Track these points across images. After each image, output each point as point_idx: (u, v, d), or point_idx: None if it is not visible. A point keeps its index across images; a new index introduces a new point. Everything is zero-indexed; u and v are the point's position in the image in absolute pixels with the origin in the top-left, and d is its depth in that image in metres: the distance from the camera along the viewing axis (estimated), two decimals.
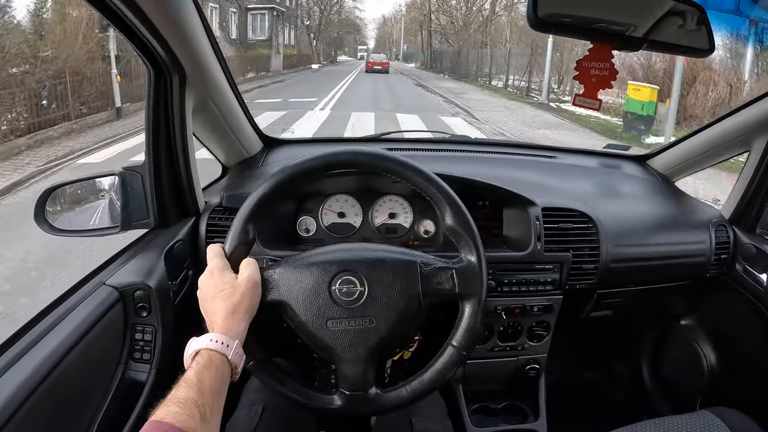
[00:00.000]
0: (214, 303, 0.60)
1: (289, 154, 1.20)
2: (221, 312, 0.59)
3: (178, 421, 0.46)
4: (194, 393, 0.49)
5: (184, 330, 0.83)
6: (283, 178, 0.67)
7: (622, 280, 1.03)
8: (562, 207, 0.98)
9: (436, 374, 0.65)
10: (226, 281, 0.60)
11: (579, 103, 0.81)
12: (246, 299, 0.60)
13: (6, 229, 3.36)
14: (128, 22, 0.70)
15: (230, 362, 0.55)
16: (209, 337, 0.56)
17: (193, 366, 0.53)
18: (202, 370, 0.53)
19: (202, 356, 0.54)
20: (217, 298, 0.59)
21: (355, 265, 0.65)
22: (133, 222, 0.88)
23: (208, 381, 0.52)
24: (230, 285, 0.60)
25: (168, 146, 0.86)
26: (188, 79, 0.83)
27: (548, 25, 0.73)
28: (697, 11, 0.76)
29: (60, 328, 0.68)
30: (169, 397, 0.49)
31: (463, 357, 0.66)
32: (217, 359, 0.54)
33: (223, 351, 0.55)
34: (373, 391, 0.64)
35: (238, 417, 0.79)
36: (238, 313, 0.59)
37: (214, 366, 0.53)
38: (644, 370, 1.39)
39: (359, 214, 1.04)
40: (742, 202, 1.10)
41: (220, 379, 0.54)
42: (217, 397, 0.52)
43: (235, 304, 0.59)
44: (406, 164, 0.68)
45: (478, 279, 0.67)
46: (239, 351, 0.57)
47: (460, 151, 1.26)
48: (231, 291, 0.60)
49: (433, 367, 0.66)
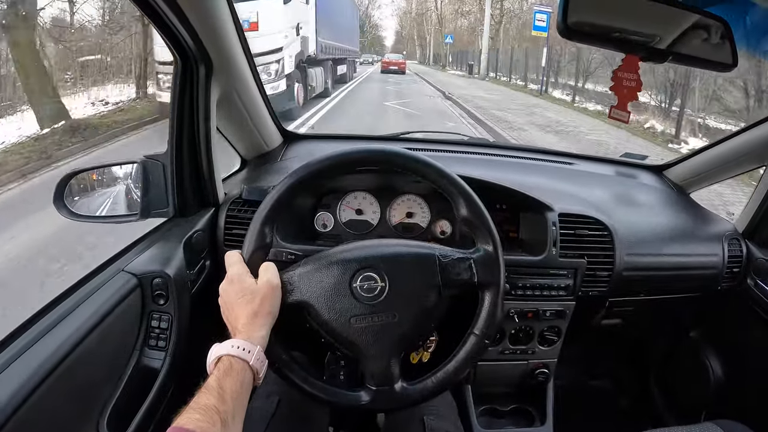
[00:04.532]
0: (234, 309, 0.60)
1: (308, 149, 1.21)
2: (242, 318, 0.59)
3: (199, 427, 0.47)
4: (215, 400, 0.50)
5: (199, 319, 0.83)
6: (294, 181, 0.67)
7: (634, 289, 1.04)
8: (579, 213, 0.98)
9: (460, 363, 0.66)
10: (246, 287, 0.61)
11: (614, 116, 0.80)
12: (266, 304, 0.60)
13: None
14: (159, 11, 0.71)
15: (252, 368, 0.56)
16: (231, 343, 0.57)
17: (214, 372, 0.54)
18: (223, 376, 0.53)
19: (223, 363, 0.55)
20: (237, 305, 0.60)
21: (374, 261, 0.65)
22: (152, 210, 0.88)
23: (228, 388, 0.52)
24: (250, 291, 0.60)
25: (191, 136, 0.86)
26: (214, 71, 0.84)
27: (576, 34, 0.74)
28: (722, 25, 0.77)
29: (78, 313, 0.68)
30: (191, 403, 0.50)
31: (485, 345, 0.67)
32: (239, 365, 0.55)
33: (244, 357, 0.55)
34: (399, 385, 0.64)
35: (254, 407, 0.79)
36: (259, 318, 0.59)
37: (235, 372, 0.54)
38: (651, 380, 1.39)
39: (377, 212, 1.05)
40: (756, 217, 1.10)
41: (242, 386, 0.54)
42: (238, 404, 0.53)
43: (255, 309, 0.59)
44: (419, 159, 0.69)
45: (497, 267, 0.67)
46: (261, 356, 0.57)
47: (480, 154, 1.27)
48: (251, 297, 0.60)
49: (457, 357, 0.67)
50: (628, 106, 0.79)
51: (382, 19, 56.41)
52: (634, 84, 0.79)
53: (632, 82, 0.78)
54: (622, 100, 0.78)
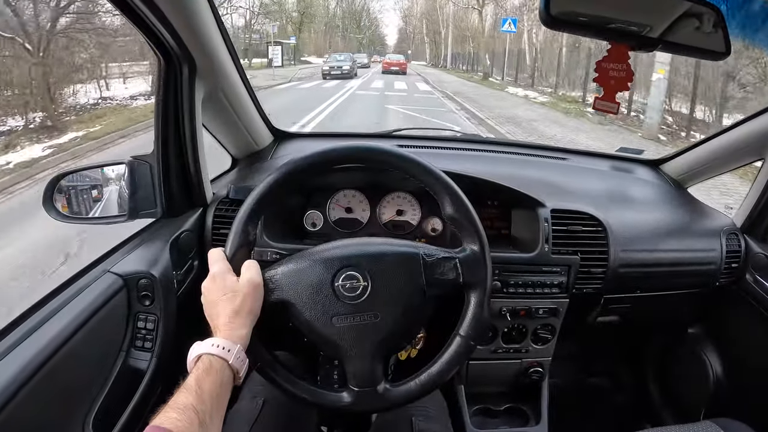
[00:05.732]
0: (216, 308, 0.60)
1: (299, 148, 1.20)
2: (224, 316, 0.59)
3: (176, 427, 0.46)
4: (193, 399, 0.50)
5: (186, 320, 0.83)
6: (278, 177, 0.67)
7: (630, 285, 1.02)
8: (572, 209, 0.97)
9: (444, 366, 0.65)
10: (227, 285, 0.60)
11: (599, 107, 0.78)
12: (248, 302, 0.60)
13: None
14: (138, 12, 0.70)
15: (231, 367, 0.55)
16: (211, 341, 0.56)
17: (193, 371, 0.54)
18: (203, 375, 0.53)
19: (203, 361, 0.54)
20: (219, 303, 0.60)
21: (357, 260, 0.64)
22: (140, 211, 0.88)
23: (207, 387, 0.52)
24: (231, 289, 0.60)
25: (177, 137, 0.86)
26: (198, 70, 0.83)
27: (561, 23, 0.72)
28: (714, 13, 0.75)
29: (63, 314, 0.68)
30: (170, 402, 0.50)
31: (472, 347, 0.66)
32: (218, 364, 0.54)
33: (224, 356, 0.55)
34: (381, 386, 0.63)
35: (239, 409, 0.79)
36: (240, 317, 0.59)
37: (215, 371, 0.54)
38: (649, 378, 1.37)
39: (367, 210, 1.04)
40: (754, 211, 1.08)
41: (221, 386, 0.54)
42: (217, 403, 0.52)
43: (236, 307, 0.59)
44: (404, 156, 0.68)
45: (483, 268, 0.66)
46: (241, 355, 0.57)
47: (471, 150, 1.25)
48: (232, 295, 0.60)
49: (442, 359, 0.65)
50: (616, 96, 0.77)
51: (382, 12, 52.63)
52: (624, 74, 0.77)
53: (621, 72, 0.76)
54: (609, 91, 0.76)
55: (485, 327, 0.67)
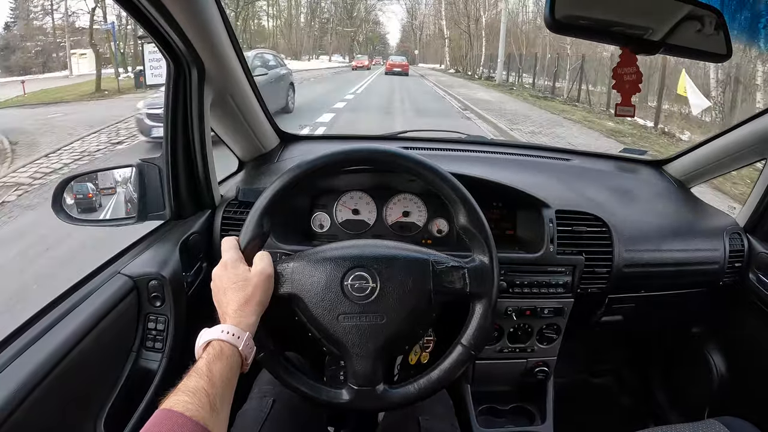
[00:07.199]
0: (226, 295, 0.60)
1: (306, 150, 1.21)
2: (233, 304, 0.59)
3: (188, 410, 0.46)
4: (204, 383, 0.50)
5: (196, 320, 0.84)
6: (298, 174, 0.67)
7: (634, 285, 1.03)
8: (576, 210, 0.98)
9: (444, 373, 0.65)
10: (239, 273, 0.61)
11: (620, 113, 0.79)
12: (258, 292, 0.60)
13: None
14: (149, 16, 0.71)
15: (241, 353, 0.56)
16: (221, 328, 0.56)
17: (204, 356, 0.54)
18: (213, 360, 0.53)
19: (213, 347, 0.55)
20: (229, 290, 0.60)
21: (368, 261, 0.65)
22: (149, 213, 0.89)
23: (218, 371, 0.52)
24: (243, 277, 0.61)
25: (186, 139, 0.87)
26: (207, 74, 0.84)
27: (565, 27, 0.73)
28: (715, 16, 0.76)
29: (74, 315, 0.69)
30: (180, 386, 0.49)
31: (472, 356, 0.66)
32: (228, 350, 0.55)
33: (234, 342, 0.55)
34: (380, 387, 0.64)
35: (249, 408, 0.79)
36: (249, 306, 0.59)
37: (225, 357, 0.54)
38: (653, 377, 1.37)
39: (373, 212, 1.05)
40: (757, 211, 1.08)
41: (231, 370, 0.54)
42: (227, 388, 0.52)
43: (247, 296, 0.59)
44: (422, 162, 0.68)
45: (490, 279, 0.66)
46: (250, 343, 0.57)
47: (477, 152, 1.26)
48: (243, 283, 0.60)
49: (442, 366, 0.66)
50: (632, 99, 0.78)
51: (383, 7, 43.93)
52: (635, 77, 0.78)
53: (632, 75, 0.77)
54: (626, 96, 0.78)
55: (488, 337, 0.67)
